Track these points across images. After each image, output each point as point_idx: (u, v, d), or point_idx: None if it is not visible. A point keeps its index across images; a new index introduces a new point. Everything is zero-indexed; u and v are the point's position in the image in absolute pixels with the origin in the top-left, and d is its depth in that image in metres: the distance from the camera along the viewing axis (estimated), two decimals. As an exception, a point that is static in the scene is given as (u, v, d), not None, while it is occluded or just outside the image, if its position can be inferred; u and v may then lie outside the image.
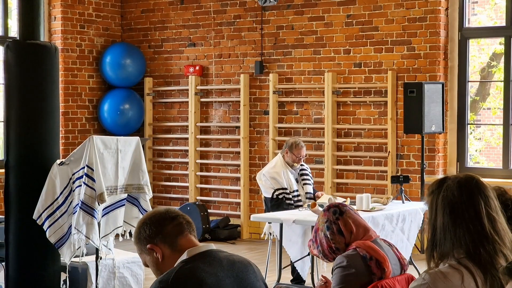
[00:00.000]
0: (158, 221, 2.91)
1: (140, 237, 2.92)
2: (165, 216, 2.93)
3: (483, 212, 2.63)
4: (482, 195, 2.66)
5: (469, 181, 2.68)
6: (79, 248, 5.97)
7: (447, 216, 2.62)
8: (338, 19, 9.99)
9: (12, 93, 6.13)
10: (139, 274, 6.82)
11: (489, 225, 2.62)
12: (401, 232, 7.41)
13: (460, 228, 2.60)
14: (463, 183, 2.67)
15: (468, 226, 2.60)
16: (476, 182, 2.69)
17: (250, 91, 10.61)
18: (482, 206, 2.64)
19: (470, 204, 2.63)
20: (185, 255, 2.80)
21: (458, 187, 2.66)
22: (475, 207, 2.63)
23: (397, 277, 3.90)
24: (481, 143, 15.36)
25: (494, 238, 2.60)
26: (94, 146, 5.98)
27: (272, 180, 7.68)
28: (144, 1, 11.39)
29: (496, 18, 14.09)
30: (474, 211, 2.62)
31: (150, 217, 2.95)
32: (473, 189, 2.66)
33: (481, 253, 2.57)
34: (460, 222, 2.61)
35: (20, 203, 6.09)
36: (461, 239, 2.60)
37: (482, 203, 2.64)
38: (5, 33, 10.33)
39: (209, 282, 2.71)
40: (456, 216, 2.62)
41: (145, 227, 2.92)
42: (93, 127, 11.17)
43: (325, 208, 4.08)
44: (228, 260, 2.87)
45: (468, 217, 2.62)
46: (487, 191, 2.68)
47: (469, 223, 2.61)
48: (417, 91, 8.74)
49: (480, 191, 2.67)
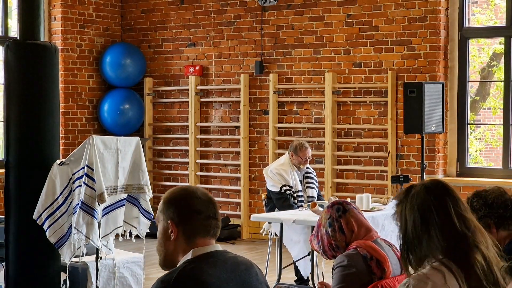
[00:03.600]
0: (195, 210, 2.82)
1: (170, 207, 2.83)
2: (204, 209, 2.83)
3: (453, 212, 2.70)
4: (450, 197, 2.74)
5: (435, 185, 2.76)
6: (79, 248, 5.97)
7: (418, 220, 2.69)
8: (338, 19, 9.99)
9: (12, 93, 6.13)
10: (139, 274, 6.82)
11: (460, 224, 2.69)
12: (401, 232, 7.40)
13: (433, 231, 2.67)
14: (430, 188, 2.75)
15: (441, 227, 2.67)
16: (442, 185, 2.77)
17: (250, 91, 10.61)
18: (451, 207, 2.71)
19: (440, 207, 2.71)
20: (190, 255, 2.77)
21: (426, 192, 2.73)
22: (444, 209, 2.70)
23: (397, 277, 3.91)
24: (481, 143, 15.36)
25: (466, 234, 2.67)
26: (94, 146, 5.98)
27: (279, 177, 7.70)
28: (144, 1, 11.39)
29: (496, 18, 14.09)
30: (444, 213, 2.70)
31: (192, 199, 2.83)
32: (441, 192, 2.74)
33: (457, 251, 2.64)
34: (432, 224, 2.68)
35: (20, 203, 6.08)
36: (436, 241, 2.66)
37: (451, 204, 2.72)
38: (5, 33, 10.33)
39: (211, 283, 2.69)
40: (428, 219, 2.69)
41: (181, 205, 2.82)
42: (93, 127, 11.17)
43: (329, 204, 4.08)
44: (233, 262, 2.84)
45: (439, 219, 2.68)
46: (455, 193, 2.76)
47: (441, 224, 2.67)
48: (417, 91, 8.74)
49: (448, 193, 2.75)
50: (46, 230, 5.95)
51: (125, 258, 6.76)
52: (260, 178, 10.21)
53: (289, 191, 7.71)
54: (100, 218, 6.09)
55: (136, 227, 6.46)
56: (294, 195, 7.72)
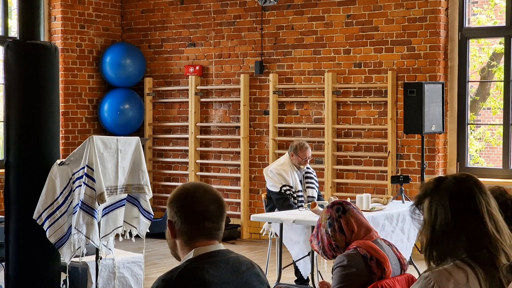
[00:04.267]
0: (197, 213, 2.76)
1: (172, 206, 2.78)
2: (207, 214, 2.77)
3: (485, 211, 2.61)
4: (482, 194, 2.64)
5: (468, 180, 2.66)
6: (79, 248, 5.96)
7: (449, 217, 2.59)
8: (338, 19, 9.99)
9: (12, 93, 6.13)
10: (139, 274, 6.82)
11: (491, 224, 2.60)
12: (401, 232, 7.41)
13: (462, 229, 2.58)
14: (463, 182, 2.65)
15: (471, 225, 2.58)
16: (475, 181, 2.67)
17: (250, 91, 10.61)
18: (484, 205, 2.62)
19: (471, 204, 2.61)
20: (192, 254, 2.76)
21: (459, 187, 2.64)
22: (476, 206, 2.61)
23: (397, 277, 3.90)
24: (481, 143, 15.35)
25: (496, 236, 2.59)
26: (94, 146, 5.97)
27: (279, 177, 7.70)
28: (144, 1, 11.39)
29: (496, 18, 14.09)
30: (475, 210, 2.60)
31: (196, 201, 2.76)
32: (473, 188, 2.64)
33: (484, 253, 2.56)
34: (462, 222, 2.59)
35: (20, 203, 6.08)
36: (464, 239, 2.57)
37: (483, 202, 2.62)
38: (5, 33, 10.33)
39: (212, 283, 2.69)
40: (459, 217, 2.59)
41: (182, 206, 2.76)
42: (93, 127, 11.16)
43: (329, 204, 4.08)
44: (235, 262, 2.82)
45: (470, 216, 2.59)
46: (486, 190, 2.67)
47: (472, 222, 2.58)
48: (417, 91, 8.74)
49: (480, 190, 2.65)
50: (46, 230, 5.95)
51: (125, 258, 6.76)
52: (260, 178, 10.21)
53: (289, 191, 7.70)
54: (100, 218, 6.08)
55: (136, 227, 6.46)
56: (294, 195, 7.72)
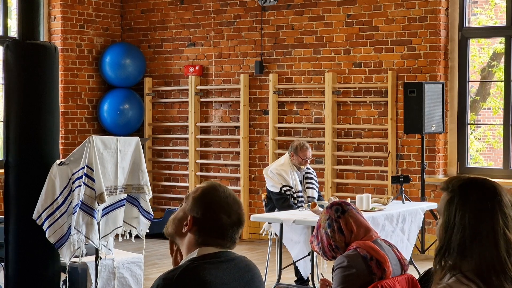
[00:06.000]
0: (219, 224, 2.77)
1: (200, 205, 2.77)
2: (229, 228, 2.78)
3: (501, 232, 2.47)
4: (502, 212, 2.49)
5: (494, 195, 2.50)
6: (78, 248, 5.96)
7: (467, 228, 2.46)
8: (338, 19, 9.98)
9: (12, 93, 6.12)
10: (139, 274, 6.81)
11: (504, 249, 2.46)
12: (401, 232, 7.41)
13: (476, 246, 2.45)
14: (489, 196, 2.49)
15: (484, 246, 2.45)
16: (500, 197, 2.50)
17: (250, 91, 10.61)
18: (501, 227, 2.47)
19: (490, 222, 2.47)
20: (195, 253, 2.75)
21: (484, 199, 2.48)
22: (493, 226, 2.46)
23: (397, 278, 3.90)
24: (481, 143, 15.35)
25: (507, 263, 2.46)
26: (94, 146, 5.97)
27: (279, 177, 7.70)
28: (144, 1, 11.38)
29: (496, 18, 14.09)
30: (492, 230, 2.46)
31: (224, 212, 2.77)
32: (496, 205, 2.48)
33: (492, 279, 2.44)
34: (478, 239, 2.45)
35: (20, 203, 6.08)
36: (473, 257, 2.45)
37: (501, 222, 2.47)
38: (5, 33, 10.33)
39: (214, 284, 2.68)
40: (476, 231, 2.46)
41: (210, 211, 2.76)
42: (93, 127, 11.16)
43: (328, 205, 4.08)
44: (237, 263, 2.82)
45: (486, 235, 2.46)
46: (509, 209, 2.50)
47: (486, 243, 2.45)
48: (417, 91, 8.74)
49: (501, 207, 2.49)
50: (45, 230, 5.94)
51: (125, 258, 6.76)
52: (260, 178, 10.21)
53: (289, 191, 7.70)
54: (100, 218, 6.08)
55: (136, 227, 6.45)
56: (294, 196, 7.72)
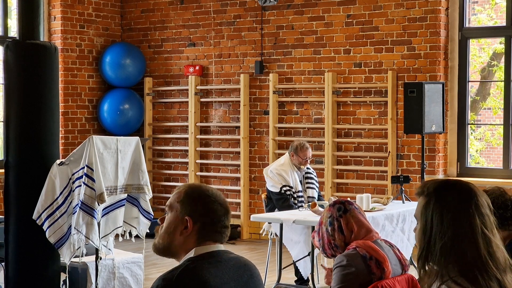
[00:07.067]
0: (216, 217, 2.82)
1: (193, 204, 2.81)
2: (223, 218, 2.84)
3: (479, 232, 2.49)
4: (479, 212, 2.51)
5: (470, 195, 2.53)
6: (79, 248, 5.96)
7: (446, 230, 2.48)
8: (338, 19, 9.98)
9: (12, 93, 6.13)
10: (139, 274, 6.81)
11: (484, 248, 2.48)
12: (401, 232, 7.41)
13: (457, 248, 2.47)
14: (465, 197, 2.52)
15: (465, 247, 2.47)
16: (476, 198, 2.53)
17: (250, 91, 10.61)
18: (479, 226, 2.49)
19: (469, 222, 2.49)
20: (192, 253, 2.77)
21: (460, 200, 2.51)
22: (472, 226, 2.48)
23: (397, 277, 3.90)
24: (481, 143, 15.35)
25: (488, 262, 2.47)
26: (94, 146, 5.97)
27: (279, 177, 7.70)
28: (144, 1, 11.39)
29: (497, 18, 14.09)
30: (471, 230, 2.48)
31: (215, 205, 2.82)
32: (473, 205, 2.51)
33: (477, 279, 2.45)
34: (458, 240, 2.47)
35: (20, 203, 6.08)
36: (457, 259, 2.47)
37: (479, 222, 2.50)
38: (5, 33, 10.33)
39: (213, 283, 2.69)
40: (455, 232, 2.48)
41: (205, 207, 2.81)
42: (93, 127, 11.16)
43: (332, 202, 4.08)
44: (235, 262, 2.83)
45: (465, 236, 2.48)
46: (485, 209, 2.53)
47: (466, 243, 2.47)
48: (417, 91, 8.73)
49: (478, 207, 2.51)
50: (45, 230, 5.94)
51: (125, 258, 6.76)
52: (260, 178, 10.21)
53: (289, 191, 7.70)
54: (100, 218, 6.08)
55: (136, 227, 6.45)
56: (294, 196, 7.72)
